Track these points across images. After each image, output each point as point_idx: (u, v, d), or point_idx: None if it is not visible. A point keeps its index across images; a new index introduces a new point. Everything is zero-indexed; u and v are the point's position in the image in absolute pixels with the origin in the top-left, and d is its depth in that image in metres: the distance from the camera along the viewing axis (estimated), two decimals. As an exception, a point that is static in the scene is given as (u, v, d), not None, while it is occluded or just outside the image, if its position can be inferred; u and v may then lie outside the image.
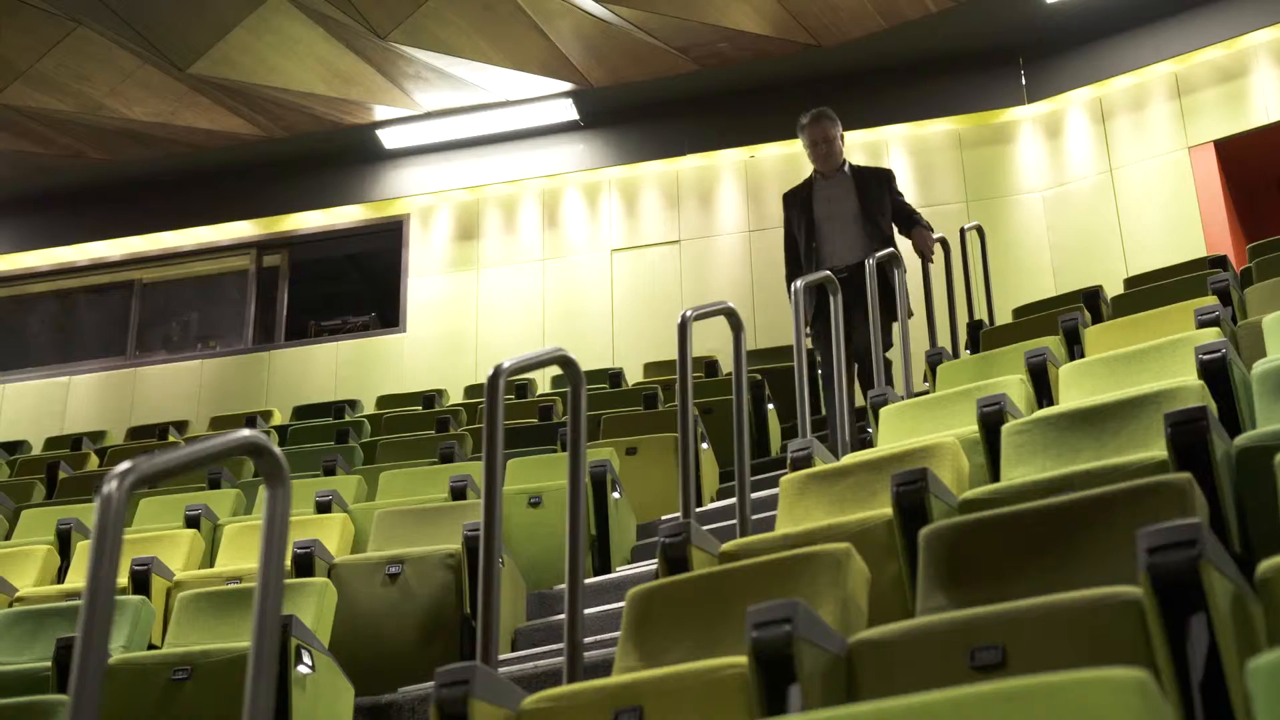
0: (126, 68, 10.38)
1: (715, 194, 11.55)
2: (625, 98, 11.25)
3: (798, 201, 6.98)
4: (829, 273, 6.12)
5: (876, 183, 6.97)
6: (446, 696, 2.76)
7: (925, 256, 7.04)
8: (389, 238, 12.32)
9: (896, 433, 5.03)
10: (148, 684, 3.96)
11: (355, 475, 7.14)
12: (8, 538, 7.05)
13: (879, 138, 11.24)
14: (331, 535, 5.87)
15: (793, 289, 5.59)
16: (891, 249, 6.59)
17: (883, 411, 5.26)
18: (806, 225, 6.83)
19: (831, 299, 6.03)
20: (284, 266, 12.67)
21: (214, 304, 12.98)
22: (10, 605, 5.27)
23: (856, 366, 6.64)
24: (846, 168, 7.00)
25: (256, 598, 2.57)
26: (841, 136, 7.03)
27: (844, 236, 6.76)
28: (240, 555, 5.89)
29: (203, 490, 7.19)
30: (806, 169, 11.31)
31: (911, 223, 6.97)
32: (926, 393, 6.11)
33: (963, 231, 8.76)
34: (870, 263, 6.23)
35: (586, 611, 4.62)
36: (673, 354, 4.54)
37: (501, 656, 4.31)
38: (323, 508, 6.20)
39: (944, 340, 7.88)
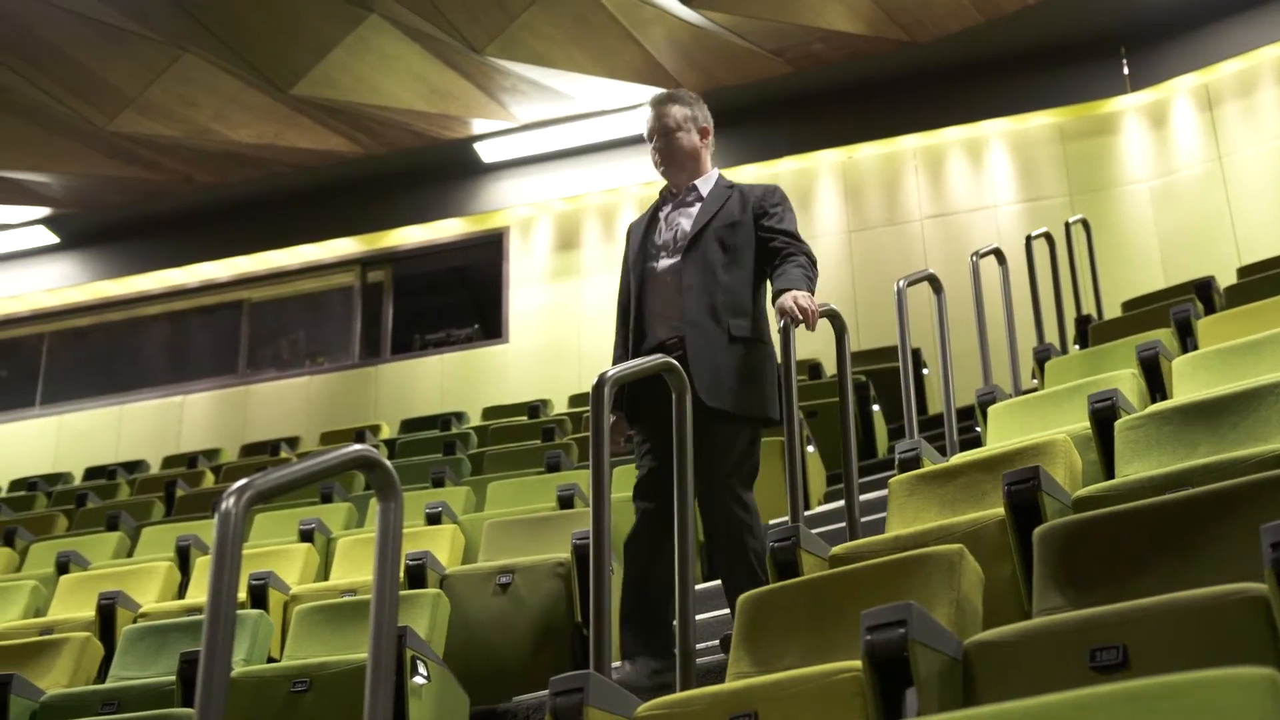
0: (230, 92, 10.59)
1: (814, 195, 11.49)
2: (720, 102, 11.10)
3: (636, 235, 4.59)
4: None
5: (740, 203, 4.45)
6: (562, 704, 2.78)
7: (790, 318, 4.14)
8: (490, 250, 12.43)
9: (1006, 431, 4.96)
10: (268, 696, 4.03)
11: (464, 486, 7.20)
12: (130, 555, 7.22)
13: (979, 134, 11.12)
14: (442, 546, 5.93)
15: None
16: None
17: (991, 410, 5.20)
18: (638, 271, 4.49)
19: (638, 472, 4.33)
20: (388, 282, 12.84)
21: (321, 321, 13.19)
22: (135, 621, 5.39)
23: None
24: (712, 182, 4.57)
25: (372, 610, 2.60)
26: (701, 131, 4.59)
27: (669, 290, 4.37)
28: (354, 568, 5.98)
29: (315, 504, 7.30)
30: (905, 169, 11.32)
31: (778, 261, 4.32)
32: (1035, 390, 6.02)
33: (1068, 225, 8.62)
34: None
35: (697, 617, 4.62)
36: (776, 358, 4.55)
37: (614, 664, 4.33)
38: (433, 519, 6.26)
39: (1051, 336, 7.77)
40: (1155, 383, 4.95)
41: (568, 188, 12.01)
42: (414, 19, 9.85)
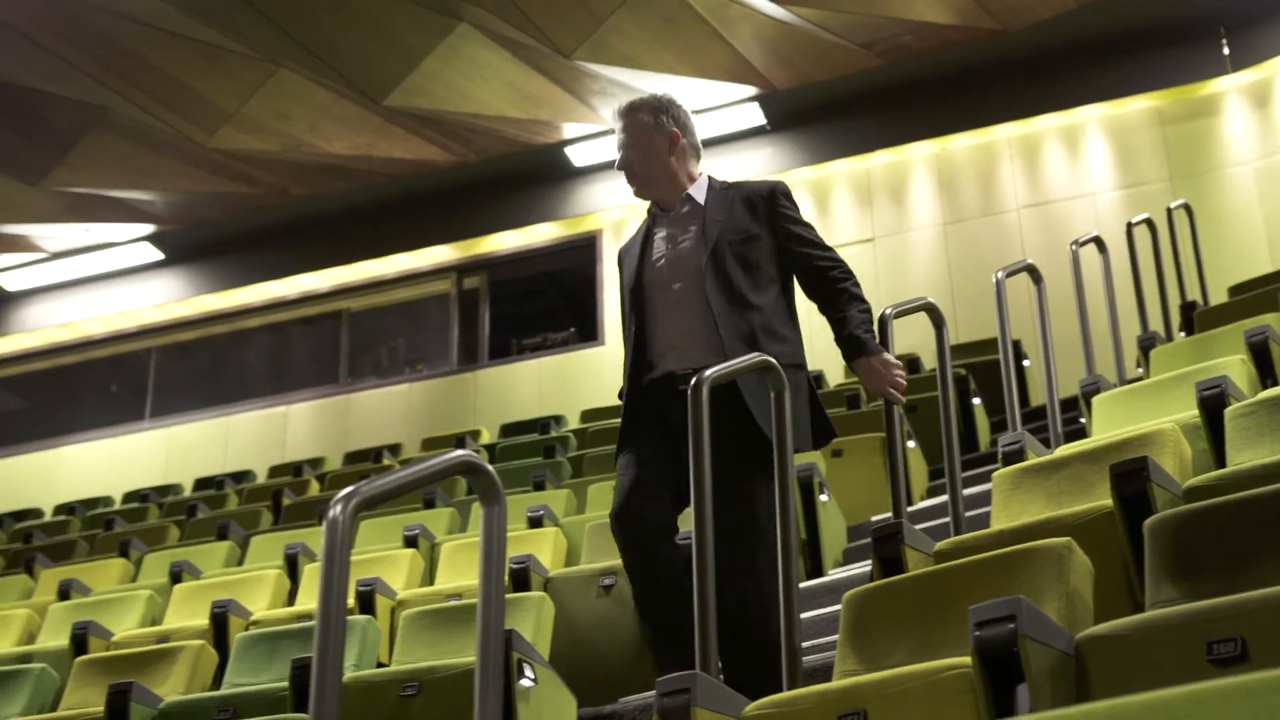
0: (324, 104, 10.74)
1: (907, 189, 11.39)
2: (811, 98, 11.18)
3: (630, 259, 4.04)
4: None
5: (747, 210, 3.92)
6: (669, 705, 2.78)
7: (879, 388, 3.90)
8: (583, 253, 12.48)
9: (1111, 421, 4.88)
10: (379, 701, 4.08)
11: (564, 489, 7.24)
12: (240, 564, 7.34)
13: (1075, 120, 10.95)
14: (545, 549, 5.96)
15: None
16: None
17: (1095, 400, 5.12)
18: (637, 299, 3.96)
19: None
20: (483, 288, 12.94)
21: (419, 328, 13.34)
22: (247, 628, 5.49)
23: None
24: (704, 188, 4.01)
25: (479, 613, 2.62)
26: (670, 137, 3.96)
27: (682, 318, 3.85)
28: (458, 573, 6.03)
29: (418, 510, 7.37)
30: (1001, 158, 11.18)
31: (829, 289, 3.94)
32: (1140, 379, 5.92)
33: (1169, 211, 8.46)
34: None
35: (801, 616, 4.60)
36: (874, 353, 4.49)
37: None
38: (534, 523, 6.30)
39: (1155, 324, 7.63)
40: (1265, 368, 4.84)
41: (659, 189, 11.99)
42: (503, 26, 9.93)
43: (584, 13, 9.82)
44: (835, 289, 3.91)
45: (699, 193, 3.99)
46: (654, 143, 3.96)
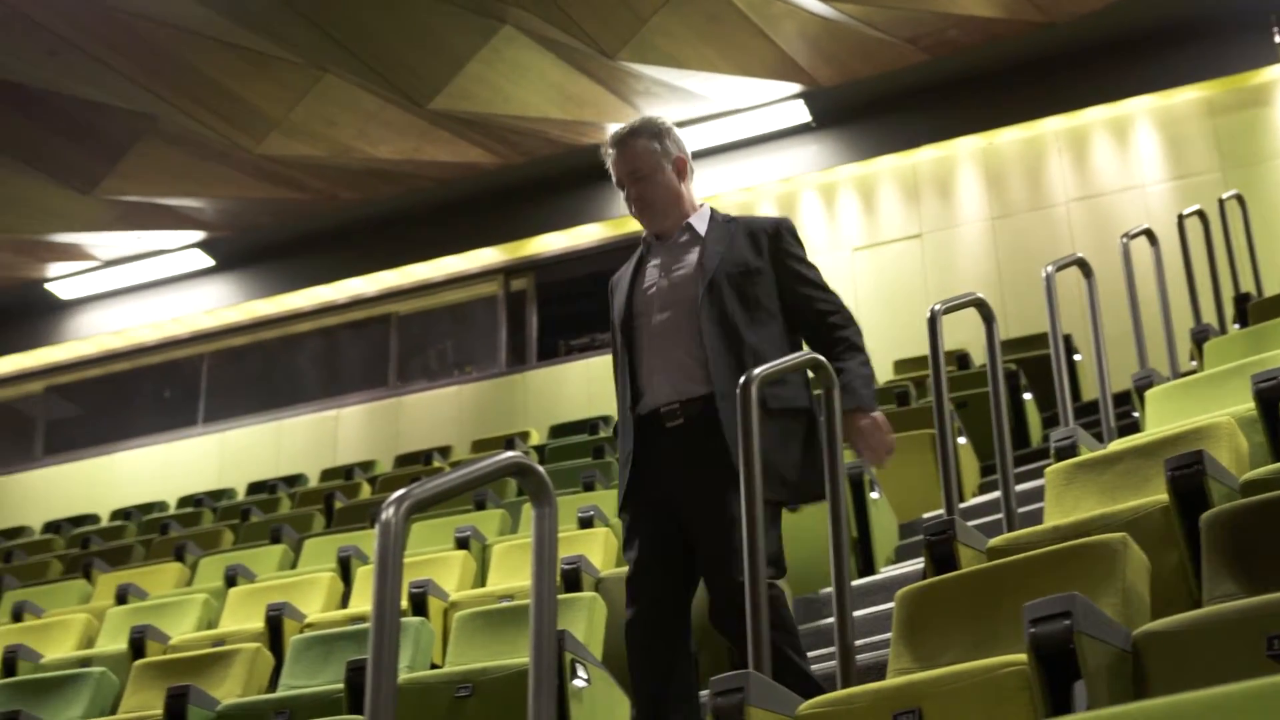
0: (371, 109, 10.81)
1: (954, 184, 11.33)
2: (856, 94, 11.14)
3: (620, 289, 3.97)
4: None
5: (750, 243, 3.76)
6: (723, 705, 2.78)
7: (869, 452, 3.65)
8: (630, 253, 12.39)
9: (1165, 415, 4.83)
10: (433, 702, 4.10)
11: (614, 489, 7.23)
12: (293, 566, 7.40)
13: (1123, 112, 10.85)
14: (595, 549, 5.97)
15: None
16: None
17: (1148, 394, 5.07)
18: (627, 329, 3.84)
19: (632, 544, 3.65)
20: (531, 289, 12.98)
21: (467, 331, 13.39)
22: (301, 631, 5.53)
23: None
24: (706, 218, 3.89)
25: (531, 614, 2.63)
26: (677, 164, 3.86)
27: (672, 347, 3.69)
28: (510, 574, 6.05)
29: (469, 512, 7.40)
30: (1048, 152, 11.09)
31: (828, 337, 3.71)
32: (1194, 372, 5.86)
33: (1221, 202, 8.37)
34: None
35: (853, 614, 4.59)
36: (922, 350, 4.43)
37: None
38: (585, 523, 6.31)
39: (1209, 316, 7.55)
40: (1322, 359, 4.78)
41: (704, 188, 11.98)
42: (546, 28, 9.95)
43: (627, 13, 9.83)
44: (834, 336, 3.70)
45: (700, 223, 3.86)
46: (665, 169, 3.84)
